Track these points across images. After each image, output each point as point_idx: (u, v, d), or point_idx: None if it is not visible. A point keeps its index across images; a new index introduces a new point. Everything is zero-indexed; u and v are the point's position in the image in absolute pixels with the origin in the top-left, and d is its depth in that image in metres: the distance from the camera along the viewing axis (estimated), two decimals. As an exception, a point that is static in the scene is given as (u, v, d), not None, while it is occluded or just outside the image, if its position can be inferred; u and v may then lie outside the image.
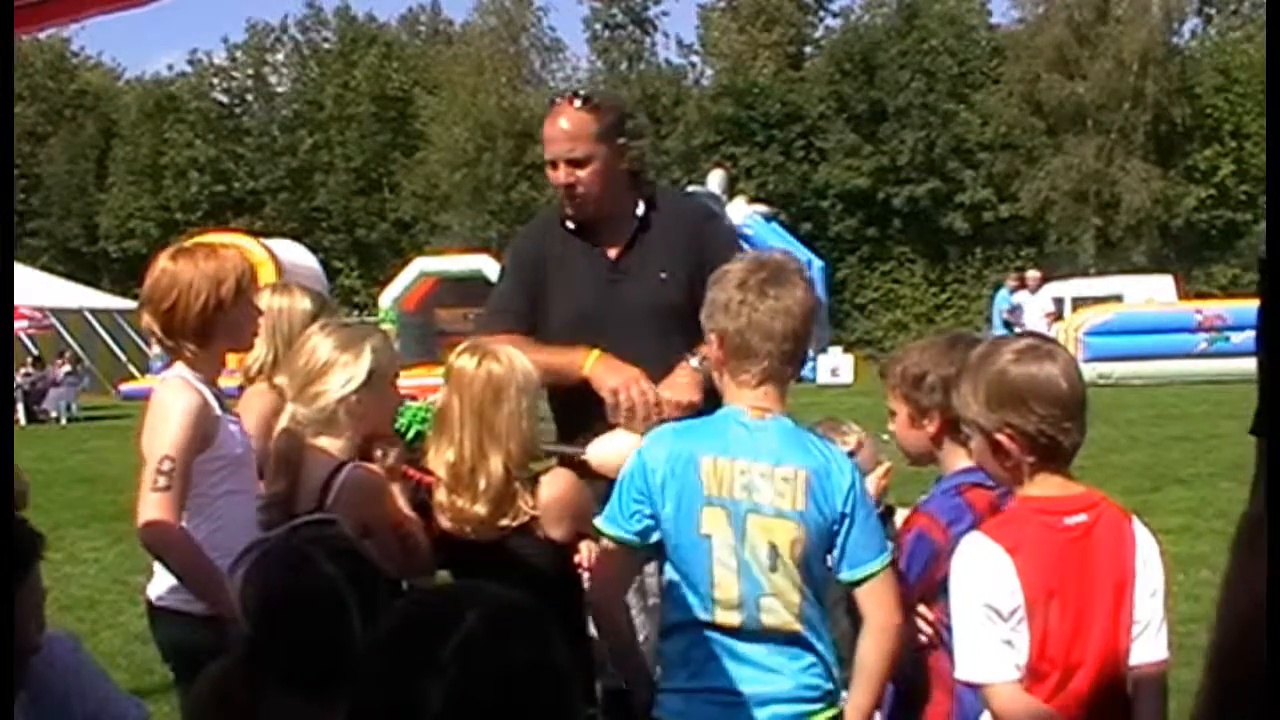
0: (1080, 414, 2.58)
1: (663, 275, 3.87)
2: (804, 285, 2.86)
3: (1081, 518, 2.57)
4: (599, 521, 2.92)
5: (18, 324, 26.78)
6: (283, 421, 3.31)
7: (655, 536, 2.85)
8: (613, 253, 3.95)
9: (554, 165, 3.88)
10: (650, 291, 3.86)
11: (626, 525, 2.85)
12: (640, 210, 3.96)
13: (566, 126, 3.85)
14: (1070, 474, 2.62)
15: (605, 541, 2.92)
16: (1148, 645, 2.57)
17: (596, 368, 3.69)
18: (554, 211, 4.12)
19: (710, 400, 3.64)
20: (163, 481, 3.24)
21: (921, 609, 2.97)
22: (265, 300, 3.76)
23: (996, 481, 2.78)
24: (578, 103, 3.88)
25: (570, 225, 3.97)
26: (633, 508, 2.84)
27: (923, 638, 2.98)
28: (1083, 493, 2.62)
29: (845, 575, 2.81)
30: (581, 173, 3.85)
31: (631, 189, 4.00)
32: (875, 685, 2.85)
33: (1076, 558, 2.55)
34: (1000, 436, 2.58)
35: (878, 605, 2.81)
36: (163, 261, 3.44)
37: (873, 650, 2.81)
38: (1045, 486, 2.60)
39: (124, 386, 28.37)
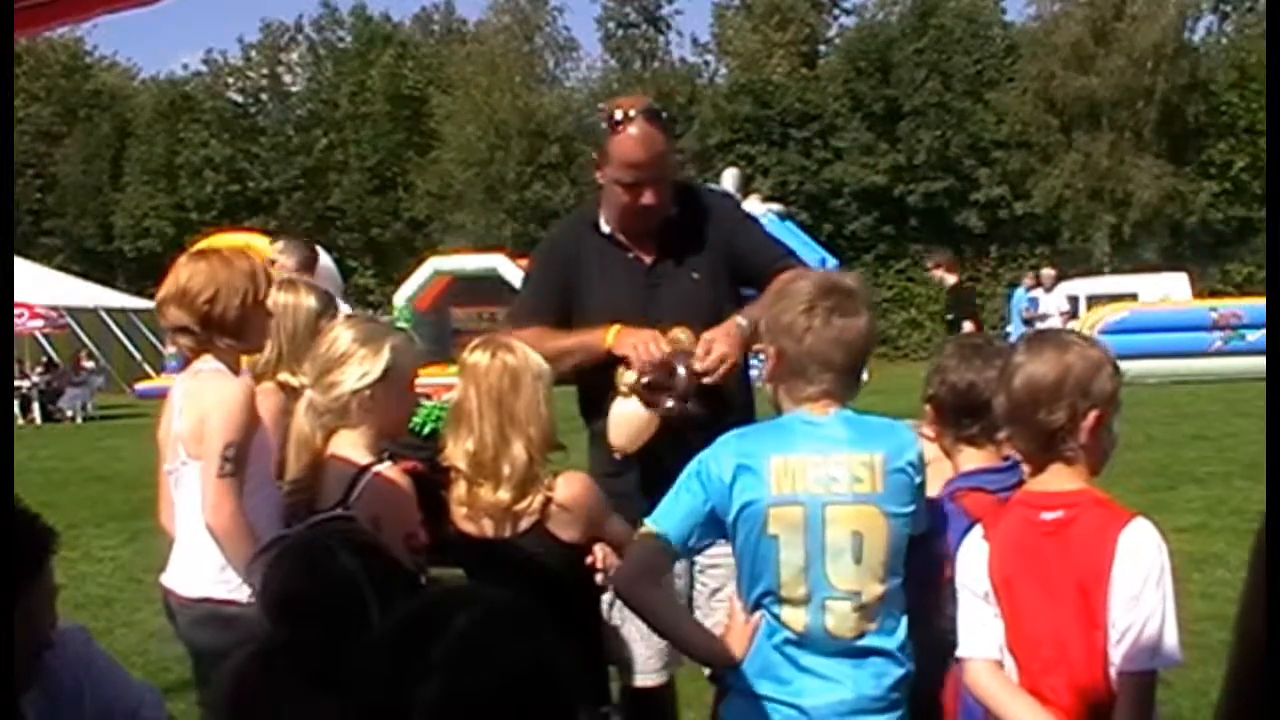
0: (1059, 399, 2.55)
1: (695, 275, 3.79)
2: (868, 314, 2.87)
3: (1058, 514, 2.57)
4: (648, 520, 2.85)
5: (33, 324, 26.92)
6: (302, 406, 3.33)
7: (695, 543, 2.85)
8: (648, 257, 3.84)
9: (633, 187, 3.72)
10: (685, 293, 3.77)
11: (675, 526, 2.81)
12: (674, 211, 3.86)
13: (654, 148, 3.69)
14: (1081, 471, 2.61)
15: (643, 534, 2.85)
16: (1126, 653, 2.48)
17: (617, 339, 3.64)
18: (584, 216, 4.03)
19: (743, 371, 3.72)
20: (229, 468, 3.32)
21: None
22: (272, 298, 3.75)
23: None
24: (651, 118, 3.70)
25: (605, 231, 3.87)
26: (687, 510, 2.80)
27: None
28: (1075, 490, 2.60)
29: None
30: (662, 191, 3.75)
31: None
32: None
33: (1043, 552, 2.56)
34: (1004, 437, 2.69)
35: None
36: (190, 261, 3.52)
37: None
38: (1046, 481, 2.63)
39: (139, 385, 28.48)
